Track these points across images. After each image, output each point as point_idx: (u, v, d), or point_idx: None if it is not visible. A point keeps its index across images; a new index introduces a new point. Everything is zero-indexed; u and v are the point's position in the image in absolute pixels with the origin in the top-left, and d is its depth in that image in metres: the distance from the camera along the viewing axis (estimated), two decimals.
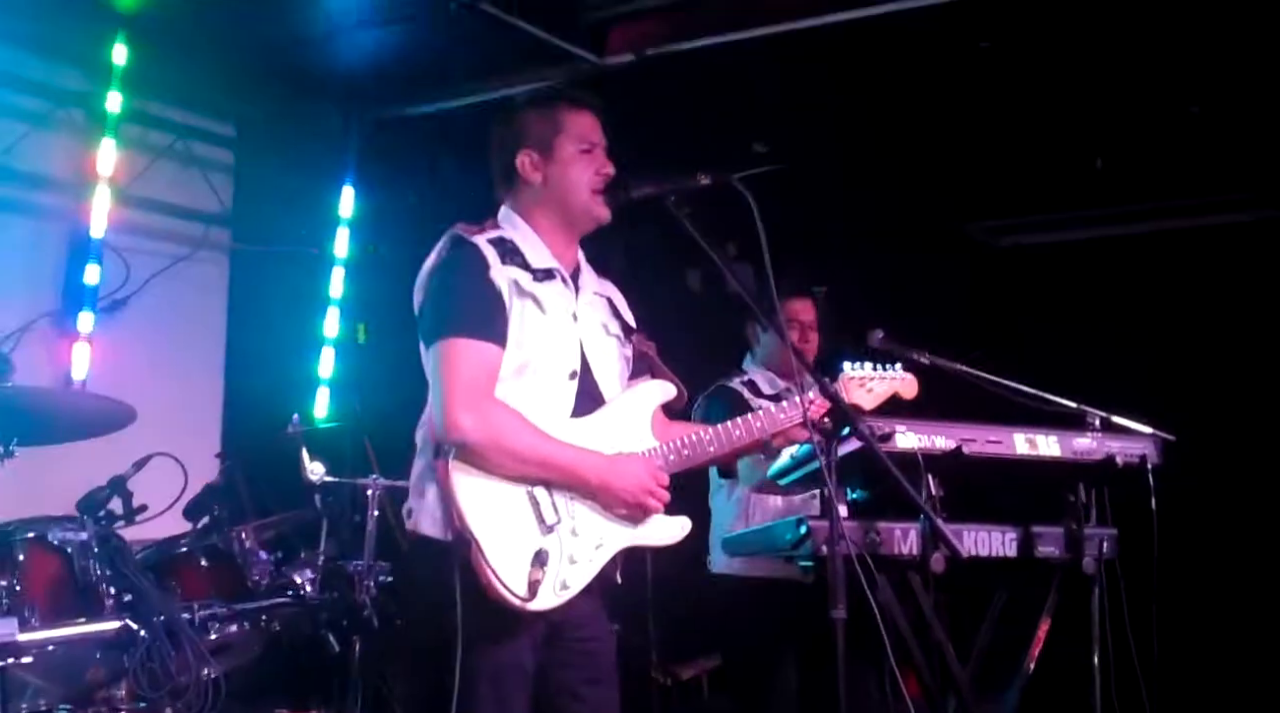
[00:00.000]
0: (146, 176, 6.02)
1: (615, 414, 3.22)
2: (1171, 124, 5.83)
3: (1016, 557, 3.91)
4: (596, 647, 3.19)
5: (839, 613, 3.11)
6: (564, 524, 3.06)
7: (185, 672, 3.65)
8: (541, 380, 3.13)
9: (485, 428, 2.99)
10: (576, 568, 3.05)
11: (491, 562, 2.92)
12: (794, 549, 3.71)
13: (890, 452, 3.45)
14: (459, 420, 2.98)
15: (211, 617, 3.98)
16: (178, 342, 6.18)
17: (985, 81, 5.63)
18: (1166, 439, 4.04)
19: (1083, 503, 3.95)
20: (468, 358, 3.04)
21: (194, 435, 5.87)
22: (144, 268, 5.94)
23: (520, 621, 2.99)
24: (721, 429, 3.28)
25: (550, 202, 3.26)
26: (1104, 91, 5.64)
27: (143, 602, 3.70)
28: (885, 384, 3.65)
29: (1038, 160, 6.34)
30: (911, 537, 3.72)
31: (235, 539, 4.36)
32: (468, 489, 2.98)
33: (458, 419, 2.98)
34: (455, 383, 3.01)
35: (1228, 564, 6.18)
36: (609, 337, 3.32)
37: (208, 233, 6.34)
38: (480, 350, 3.05)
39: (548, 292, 3.18)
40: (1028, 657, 4.03)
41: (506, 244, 3.18)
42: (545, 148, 3.25)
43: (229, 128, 6.51)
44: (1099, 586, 3.91)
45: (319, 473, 4.79)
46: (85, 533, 3.79)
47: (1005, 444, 3.83)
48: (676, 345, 3.54)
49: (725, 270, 3.23)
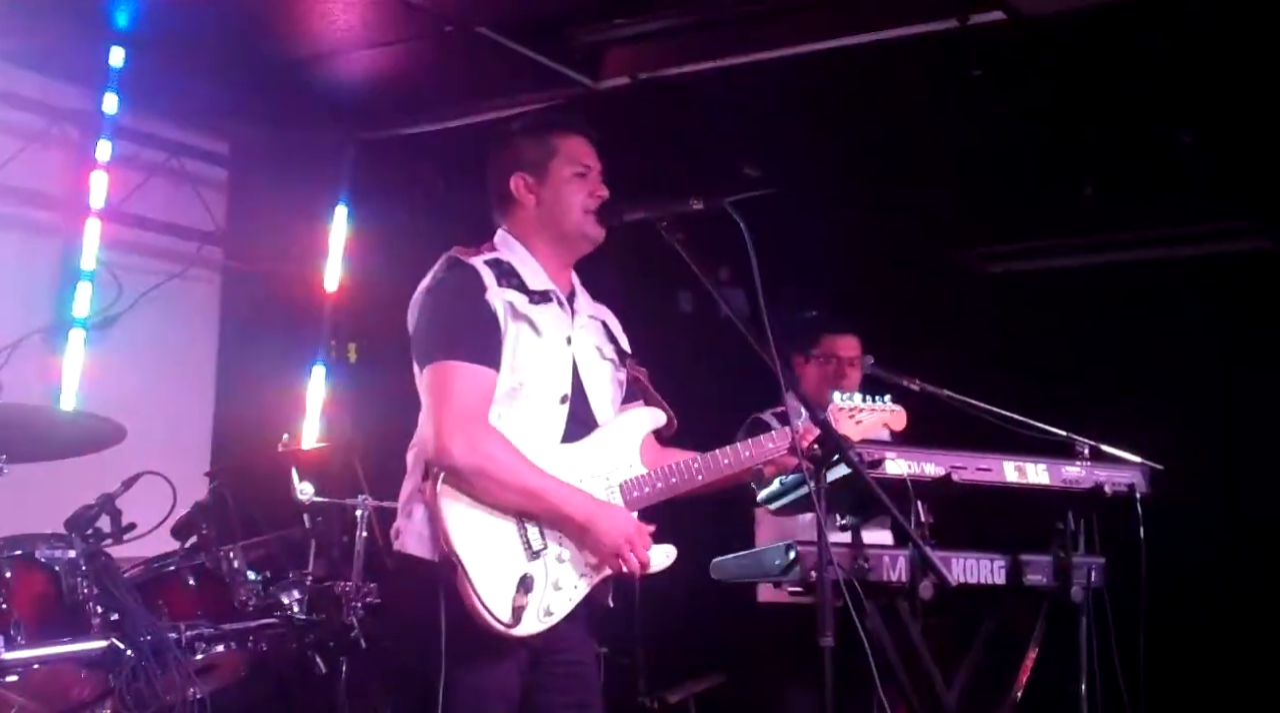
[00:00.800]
0: (140, 194, 6.01)
1: (605, 441, 3.22)
2: (1162, 152, 5.86)
3: (1005, 585, 3.92)
4: (581, 671, 3.19)
5: (827, 640, 3.11)
6: (550, 551, 3.06)
7: (171, 692, 3.63)
8: (533, 404, 3.13)
9: (475, 455, 2.99)
10: (561, 594, 3.05)
11: (476, 586, 2.92)
12: (783, 574, 3.71)
13: (879, 478, 3.46)
14: (449, 445, 2.98)
15: (198, 637, 3.96)
16: (168, 360, 6.16)
17: (976, 109, 5.66)
18: (1155, 468, 4.05)
19: (1071, 531, 3.96)
20: (461, 382, 3.04)
21: (183, 454, 5.86)
22: (136, 285, 5.92)
23: (504, 645, 2.99)
24: (710, 457, 3.28)
25: (545, 223, 3.27)
26: (1094, 119, 5.67)
27: (130, 621, 3.67)
28: (874, 416, 3.65)
29: (1028, 187, 6.37)
30: (900, 563, 3.73)
31: (223, 559, 4.33)
32: (455, 513, 2.98)
33: (448, 444, 2.98)
34: (447, 407, 3.02)
35: (1216, 594, 6.18)
36: (603, 361, 3.33)
37: (200, 251, 6.33)
38: (473, 374, 3.06)
39: (543, 314, 3.19)
40: (1015, 685, 4.03)
41: (503, 266, 3.19)
42: (539, 171, 3.27)
43: (223, 146, 6.51)
44: (1087, 614, 3.92)
45: (308, 493, 4.78)
46: (73, 551, 3.77)
47: (994, 472, 3.84)
48: (667, 368, 3.55)
49: (718, 296, 3.24)
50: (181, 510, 4.29)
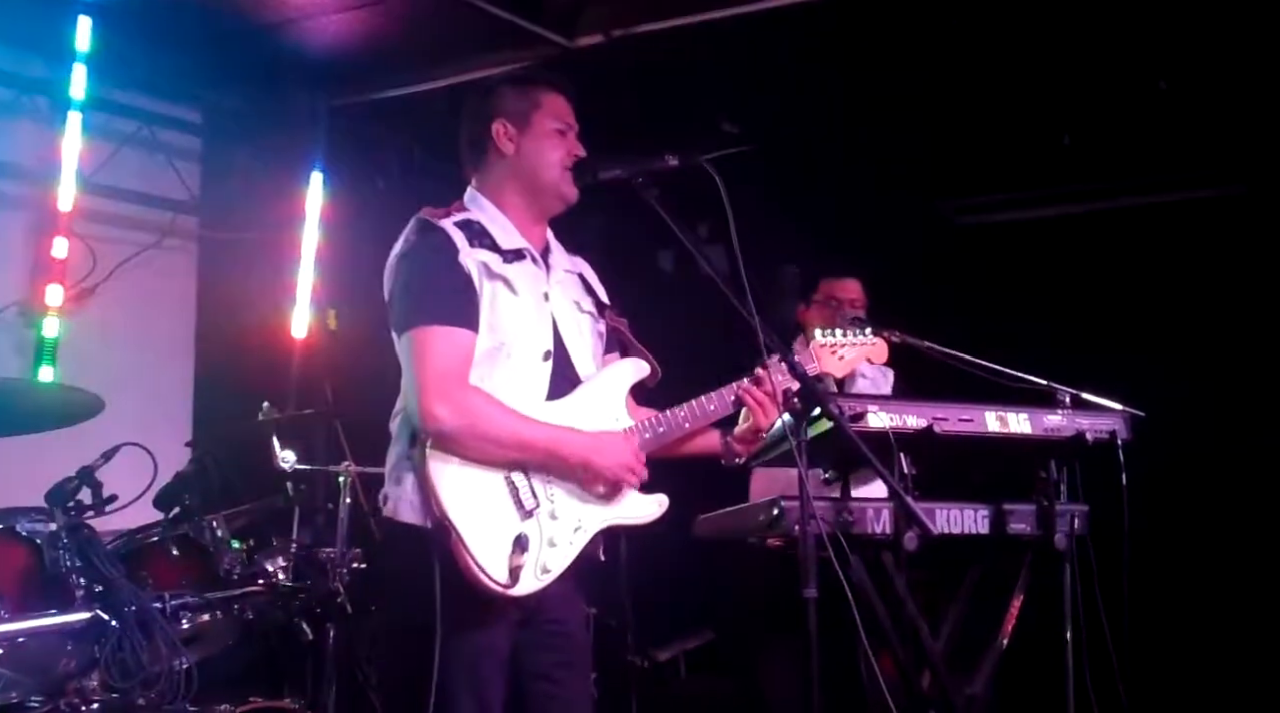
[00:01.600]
0: (112, 164, 5.95)
1: (590, 394, 3.23)
2: (1139, 100, 5.85)
3: (989, 534, 3.92)
4: (569, 629, 3.19)
5: (810, 592, 3.12)
6: (543, 508, 3.06)
7: (157, 662, 3.63)
8: (516, 363, 3.13)
9: (461, 415, 2.98)
10: (556, 551, 3.05)
11: (472, 549, 2.92)
12: (769, 529, 3.72)
13: (862, 431, 3.46)
14: (435, 410, 2.97)
15: (183, 606, 3.95)
16: (146, 330, 6.12)
17: (953, 59, 5.63)
18: (1136, 415, 4.06)
19: (1054, 479, 3.97)
20: (440, 346, 3.03)
21: (164, 424, 5.84)
22: (111, 257, 5.88)
23: (496, 605, 2.99)
24: (696, 403, 3.30)
25: (520, 176, 3.25)
26: (1071, 68, 5.65)
27: (113, 592, 3.67)
28: (855, 350, 3.67)
29: (1005, 138, 6.36)
30: (884, 516, 3.74)
31: (206, 528, 4.32)
32: (446, 477, 2.97)
33: (433, 408, 2.97)
34: (429, 372, 3.00)
35: (1198, 539, 6.22)
36: (582, 314, 3.32)
37: (175, 221, 6.27)
38: (452, 337, 3.04)
39: (518, 272, 3.17)
40: (1001, 633, 4.05)
41: (474, 227, 3.17)
42: (521, 121, 3.26)
43: (195, 114, 6.45)
44: (1071, 561, 3.93)
45: (290, 460, 4.77)
46: (54, 524, 3.75)
47: (976, 422, 3.84)
48: (650, 326, 3.54)
49: (696, 253, 3.22)
50: (163, 481, 4.27)
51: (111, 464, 3.96)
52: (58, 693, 3.60)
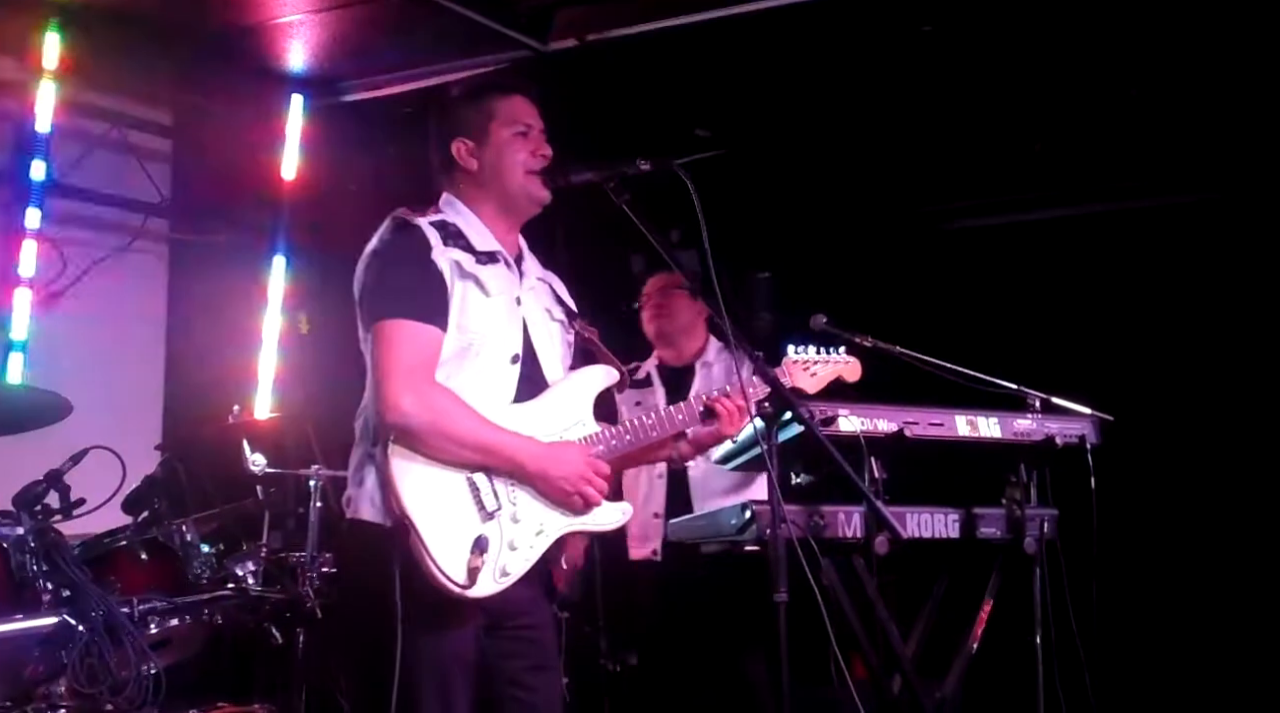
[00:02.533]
0: (82, 166, 5.92)
1: (557, 399, 3.21)
2: (1111, 107, 5.88)
3: (959, 538, 3.94)
4: (538, 634, 3.17)
5: (781, 596, 3.12)
6: (504, 510, 3.04)
7: (125, 667, 3.60)
8: (483, 364, 3.11)
9: (424, 411, 2.97)
10: (516, 555, 3.03)
11: (430, 548, 2.90)
12: (739, 534, 3.72)
13: (832, 435, 3.47)
14: (398, 403, 2.95)
15: (151, 611, 3.92)
16: (116, 333, 6.09)
17: (927, 65, 5.66)
18: (1105, 419, 4.08)
19: (1023, 484, 3.99)
20: (407, 340, 3.01)
21: (133, 428, 5.81)
22: (81, 259, 5.85)
23: (460, 609, 2.97)
24: (665, 412, 3.29)
25: (488, 186, 3.24)
26: (1044, 74, 5.68)
27: (81, 597, 3.63)
28: (829, 368, 3.67)
29: (978, 144, 6.38)
30: (855, 520, 3.75)
31: (176, 532, 4.30)
32: (406, 475, 2.95)
33: (397, 401, 2.95)
34: (394, 365, 2.98)
35: (1167, 543, 6.25)
36: (552, 322, 3.31)
37: (146, 223, 6.25)
38: (420, 333, 3.03)
39: (490, 274, 3.16)
40: (971, 637, 4.07)
41: (449, 227, 3.16)
42: (479, 134, 3.24)
43: (166, 116, 6.42)
44: (1040, 565, 3.95)
45: (260, 464, 4.75)
46: (21, 528, 3.72)
47: (947, 426, 3.86)
48: (620, 329, 3.54)
49: (667, 257, 3.22)
50: (132, 484, 4.24)
51: (80, 468, 3.93)
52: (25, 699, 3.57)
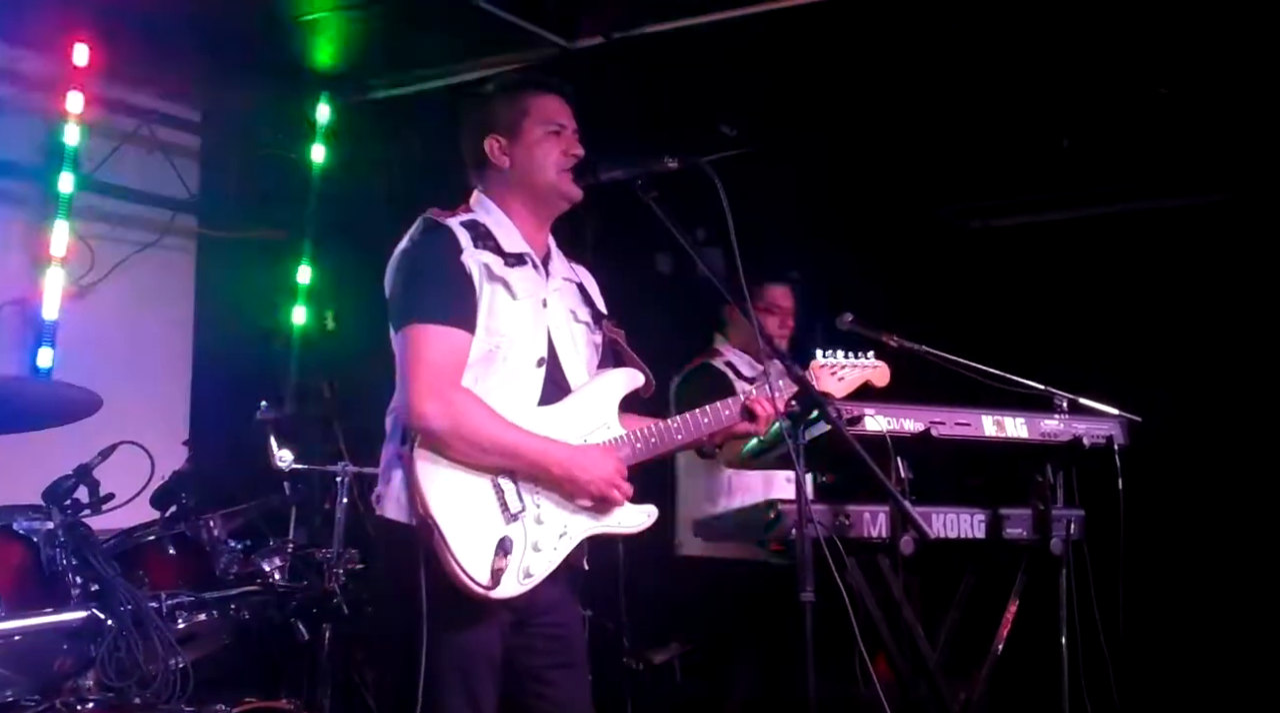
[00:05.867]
0: (112, 162, 5.96)
1: (582, 402, 3.21)
2: (1139, 105, 5.85)
3: (985, 539, 3.93)
4: (565, 632, 3.18)
5: (807, 595, 3.12)
6: (528, 512, 3.05)
7: (153, 661, 3.61)
8: (509, 367, 3.12)
9: (450, 416, 2.98)
10: (540, 556, 3.04)
11: (454, 549, 2.91)
12: (767, 533, 3.72)
13: (859, 435, 3.46)
14: (424, 408, 2.97)
15: (179, 606, 3.93)
16: (144, 329, 6.13)
17: (954, 64, 5.63)
18: (1132, 420, 4.07)
19: (1050, 484, 3.98)
20: (436, 344, 3.03)
21: (161, 423, 5.83)
22: (110, 254, 5.88)
23: (486, 607, 2.98)
24: (690, 417, 3.28)
25: (520, 185, 3.25)
26: (1072, 73, 5.65)
27: (110, 591, 3.65)
28: (857, 372, 3.66)
29: (1006, 143, 6.36)
30: (880, 519, 3.74)
31: (203, 528, 4.31)
32: (432, 476, 2.97)
33: (423, 406, 2.97)
34: (422, 369, 3.00)
35: (1194, 545, 6.22)
36: (578, 323, 3.32)
37: (174, 219, 6.28)
38: (449, 337, 3.04)
39: (519, 277, 3.16)
40: (996, 638, 4.06)
41: (479, 228, 3.17)
42: (512, 132, 3.25)
43: (195, 113, 6.46)
44: (1067, 567, 3.94)
45: (287, 460, 4.77)
46: (51, 522, 3.73)
47: (973, 426, 3.85)
48: (646, 329, 3.54)
49: (693, 254, 3.23)
50: (160, 480, 4.26)
51: (109, 463, 3.95)
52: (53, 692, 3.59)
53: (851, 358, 3.64)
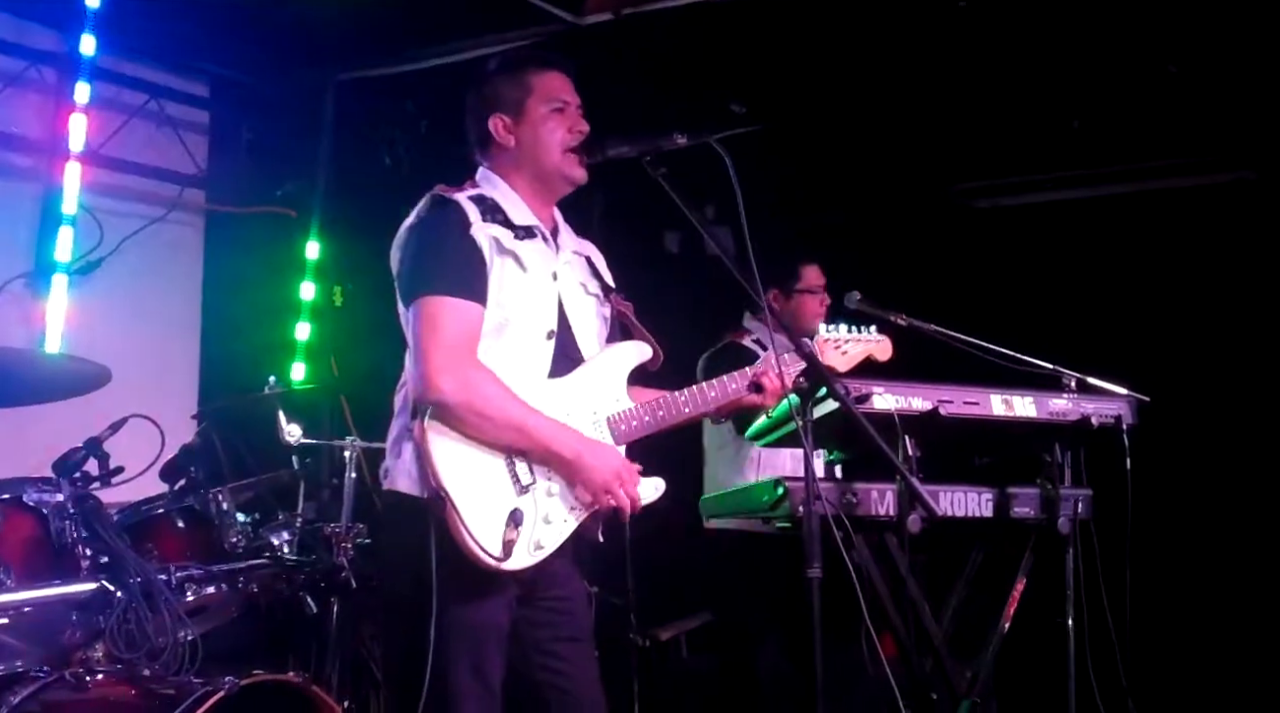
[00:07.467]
0: (120, 137, 5.96)
1: (591, 375, 3.21)
2: (1149, 84, 5.82)
3: (992, 518, 3.93)
4: (571, 606, 3.19)
5: (814, 572, 3.12)
6: (539, 485, 3.05)
7: (162, 634, 3.62)
8: (519, 339, 3.12)
9: (464, 391, 2.97)
10: (551, 529, 3.05)
11: (466, 521, 2.92)
12: (772, 510, 3.72)
13: (867, 413, 3.45)
14: (438, 381, 2.97)
15: (188, 579, 3.95)
16: (153, 303, 6.14)
17: (963, 42, 5.61)
18: (1141, 400, 4.06)
19: (1058, 464, 3.97)
20: (448, 317, 3.02)
21: (170, 397, 5.86)
22: (118, 229, 5.89)
23: (494, 579, 2.99)
24: (698, 390, 3.28)
25: (525, 163, 3.25)
26: (1081, 51, 5.63)
27: (119, 564, 3.66)
28: (860, 346, 3.66)
29: (1015, 121, 6.34)
30: (888, 498, 3.74)
31: (212, 501, 4.33)
32: (443, 448, 2.97)
33: (437, 380, 2.97)
34: (435, 343, 3.00)
35: (1201, 524, 6.22)
36: (588, 296, 3.31)
37: (182, 194, 6.28)
38: (461, 309, 3.04)
39: (528, 249, 3.16)
40: (1003, 617, 4.06)
41: (487, 202, 3.17)
42: (516, 110, 3.24)
43: (203, 88, 6.45)
44: (1074, 546, 3.94)
45: (296, 435, 4.78)
46: (61, 494, 3.75)
47: (982, 405, 3.84)
48: (654, 308, 3.54)
49: (703, 232, 3.22)
50: (169, 453, 4.27)
51: (118, 436, 3.96)
52: (63, 663, 3.61)
53: (855, 332, 3.65)
